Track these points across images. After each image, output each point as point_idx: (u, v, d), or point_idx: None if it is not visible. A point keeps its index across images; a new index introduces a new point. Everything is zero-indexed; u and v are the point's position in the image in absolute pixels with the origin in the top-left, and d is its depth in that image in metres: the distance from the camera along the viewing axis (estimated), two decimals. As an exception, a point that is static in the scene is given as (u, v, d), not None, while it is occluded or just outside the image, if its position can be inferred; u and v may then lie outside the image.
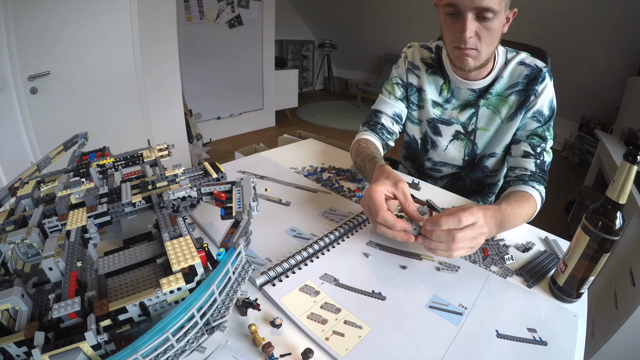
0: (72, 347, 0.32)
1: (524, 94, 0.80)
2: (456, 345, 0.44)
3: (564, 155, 3.51)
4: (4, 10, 1.46)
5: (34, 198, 0.58)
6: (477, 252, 0.62)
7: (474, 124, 0.87)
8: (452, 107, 0.88)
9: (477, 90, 0.84)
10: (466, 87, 0.85)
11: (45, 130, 1.70)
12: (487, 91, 0.84)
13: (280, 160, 0.99)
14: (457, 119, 0.89)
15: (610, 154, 1.79)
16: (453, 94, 0.88)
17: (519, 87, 0.81)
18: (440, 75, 0.88)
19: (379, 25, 4.78)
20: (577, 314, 0.50)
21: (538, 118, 0.80)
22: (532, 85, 0.79)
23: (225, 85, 3.42)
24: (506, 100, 0.82)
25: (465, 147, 0.91)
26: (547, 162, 0.80)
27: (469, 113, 0.86)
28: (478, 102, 0.85)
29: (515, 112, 0.81)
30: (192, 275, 0.38)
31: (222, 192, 0.55)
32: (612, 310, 1.13)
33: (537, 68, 0.79)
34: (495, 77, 0.82)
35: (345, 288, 0.52)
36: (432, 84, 0.90)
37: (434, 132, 0.93)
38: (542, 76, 0.78)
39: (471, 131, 0.88)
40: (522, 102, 0.80)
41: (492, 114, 0.84)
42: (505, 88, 0.82)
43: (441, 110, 0.90)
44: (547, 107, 0.80)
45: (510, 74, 0.82)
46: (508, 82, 0.82)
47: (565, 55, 3.15)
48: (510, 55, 0.83)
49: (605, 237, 0.47)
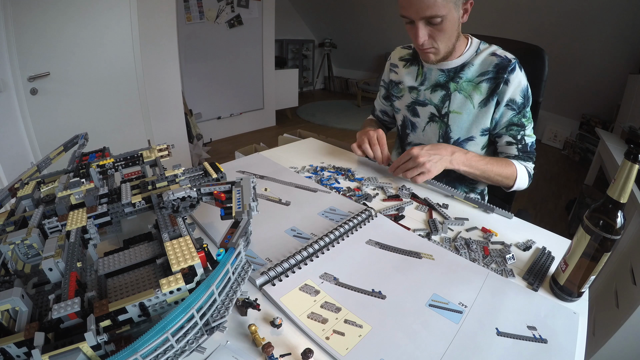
0: (72, 348, 0.32)
1: (494, 81, 0.87)
2: (456, 344, 0.44)
3: (565, 154, 3.51)
4: (3, 10, 1.46)
5: (34, 199, 0.58)
6: (478, 251, 0.62)
7: (447, 107, 0.94)
8: (425, 87, 0.97)
9: (445, 71, 0.93)
10: (436, 67, 0.94)
11: (46, 131, 1.70)
12: (456, 75, 0.91)
13: (280, 160, 0.99)
14: (430, 100, 0.97)
15: (611, 152, 1.79)
16: (425, 77, 0.97)
17: (490, 75, 0.88)
18: (415, 65, 1.01)
19: (379, 24, 4.77)
20: (577, 312, 0.50)
21: (512, 106, 0.87)
22: (501, 74, 0.86)
23: (225, 85, 3.42)
24: (478, 87, 0.89)
25: (440, 129, 0.98)
26: (529, 143, 0.91)
27: (440, 94, 0.95)
28: (448, 85, 0.93)
29: (487, 98, 0.88)
30: (192, 276, 0.38)
31: (222, 192, 0.55)
32: (613, 309, 1.13)
33: (507, 59, 0.86)
34: (465, 63, 0.90)
35: (345, 287, 0.52)
36: (409, 75, 1.02)
37: (413, 114, 1.03)
38: (511, 66, 0.85)
39: (444, 114, 0.95)
40: (492, 89, 0.87)
41: (464, 99, 0.91)
42: (476, 75, 0.89)
43: (416, 93, 1.00)
44: (519, 95, 0.86)
45: (481, 62, 0.89)
46: (479, 69, 0.89)
47: (565, 54, 3.14)
48: (482, 46, 0.91)
49: (606, 236, 0.47)
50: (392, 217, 0.72)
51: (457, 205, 0.79)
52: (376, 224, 0.68)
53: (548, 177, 2.96)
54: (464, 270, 0.57)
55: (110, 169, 0.69)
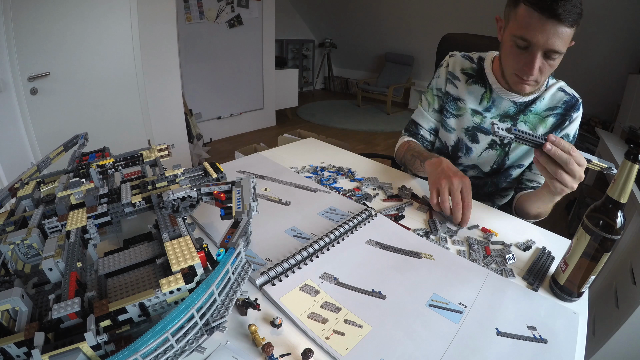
0: (72, 348, 0.32)
1: (561, 118, 0.86)
2: (456, 343, 0.44)
3: (565, 154, 3.50)
4: (3, 11, 1.46)
5: (34, 199, 0.58)
6: (479, 251, 0.62)
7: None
8: (492, 115, 0.91)
9: (517, 104, 0.88)
10: (508, 98, 0.88)
11: (46, 131, 1.70)
12: (527, 108, 0.88)
13: (280, 160, 0.99)
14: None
15: (611, 152, 1.79)
16: (494, 103, 0.91)
17: (558, 110, 0.86)
18: (481, 85, 0.92)
19: (379, 24, 4.77)
20: (577, 312, 0.50)
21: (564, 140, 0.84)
22: (569, 112, 0.85)
23: (225, 85, 3.42)
24: (544, 121, 0.87)
25: (498, 156, 0.95)
26: None
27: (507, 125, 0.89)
28: (517, 117, 0.89)
29: (550, 132, 0.87)
30: (192, 276, 0.38)
31: (222, 192, 0.55)
32: (613, 309, 1.13)
33: (575, 98, 0.86)
34: (537, 97, 0.87)
35: (345, 287, 0.52)
36: (472, 94, 0.93)
37: (472, 139, 0.96)
38: (578, 105, 0.85)
39: (507, 143, 0.92)
40: (557, 125, 0.87)
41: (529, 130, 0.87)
42: (545, 109, 0.87)
43: (481, 119, 0.93)
44: (573, 132, 0.87)
45: (551, 97, 0.87)
46: (548, 104, 0.87)
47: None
48: (551, 81, 0.89)
49: (606, 236, 0.47)
50: (392, 217, 0.72)
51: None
52: (376, 224, 0.68)
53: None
54: (464, 270, 0.57)
55: (110, 169, 0.69)
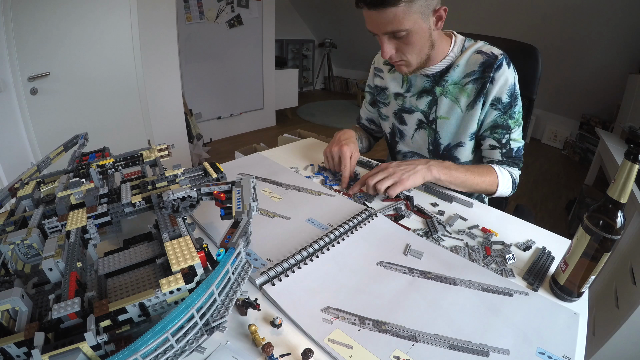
0: (72, 348, 0.32)
1: (480, 81, 0.81)
2: (457, 342, 0.44)
3: (565, 154, 3.51)
4: (3, 11, 1.46)
5: (34, 199, 0.58)
6: (479, 251, 0.62)
7: (434, 113, 0.90)
8: (411, 94, 0.93)
9: (430, 76, 0.87)
10: (421, 73, 0.88)
11: (46, 131, 1.70)
12: (441, 78, 0.86)
13: (280, 160, 0.99)
14: (416, 107, 0.93)
15: (611, 152, 1.79)
16: (411, 83, 0.92)
17: (476, 75, 0.81)
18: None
19: (379, 24, 4.77)
20: (577, 312, 0.50)
21: (497, 106, 0.82)
22: (487, 73, 0.79)
23: (225, 85, 3.42)
24: (464, 89, 0.83)
25: (429, 136, 0.94)
26: (516, 148, 0.85)
27: (426, 100, 0.90)
28: (434, 90, 0.88)
29: (474, 100, 0.83)
30: (192, 276, 0.38)
31: (222, 192, 0.55)
32: (613, 309, 1.13)
33: (493, 55, 0.80)
34: (450, 65, 0.85)
35: (345, 287, 0.52)
36: (394, 80, 0.96)
37: (400, 121, 0.99)
38: (497, 62, 0.78)
39: (432, 120, 0.91)
40: (479, 90, 0.81)
41: (452, 103, 0.86)
42: (462, 76, 0.83)
43: (402, 100, 0.95)
44: (506, 94, 0.80)
45: (466, 62, 0.83)
46: (464, 70, 0.83)
47: (565, 53, 3.14)
48: (467, 44, 0.84)
49: (606, 236, 0.47)
50: (392, 217, 0.72)
51: (453, 207, 0.79)
52: (376, 224, 0.68)
53: (548, 177, 2.96)
54: (464, 270, 0.57)
55: (110, 169, 0.69)
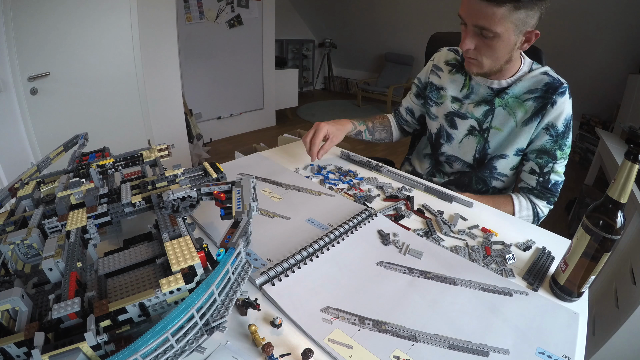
0: (72, 348, 0.32)
1: (541, 101, 0.81)
2: (457, 342, 0.44)
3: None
4: (3, 11, 1.46)
5: (34, 199, 0.58)
6: (479, 251, 0.62)
7: (489, 122, 0.90)
8: (470, 102, 0.93)
9: (493, 89, 0.88)
10: (485, 84, 0.89)
11: (46, 131, 1.70)
12: (503, 90, 0.86)
13: (280, 160, 0.99)
14: (472, 114, 0.92)
15: (611, 152, 1.79)
16: (472, 91, 0.92)
17: (537, 93, 0.82)
18: (462, 74, 0.95)
19: (379, 24, 4.77)
20: (577, 312, 0.50)
21: (550, 132, 0.82)
22: (550, 95, 0.80)
23: (225, 85, 3.42)
24: (523, 105, 0.84)
25: (478, 143, 0.93)
26: (553, 181, 0.84)
27: (483, 109, 0.90)
28: (494, 100, 0.88)
29: (531, 117, 0.83)
30: (192, 276, 0.38)
31: (222, 192, 0.55)
32: (613, 309, 1.13)
33: (559, 81, 0.81)
34: (514, 80, 0.85)
35: (345, 287, 0.52)
36: (454, 82, 0.96)
37: (450, 125, 0.97)
38: (562, 88, 0.80)
39: (485, 129, 0.91)
40: (538, 109, 0.82)
41: (507, 115, 0.86)
42: (524, 92, 0.84)
43: (459, 105, 0.95)
44: (561, 122, 0.81)
45: (531, 79, 0.84)
46: (527, 86, 0.84)
47: (565, 53, 3.14)
48: (535, 66, 0.86)
49: (606, 236, 0.47)
50: (392, 217, 0.72)
51: (453, 207, 0.79)
52: (376, 224, 0.68)
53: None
54: (464, 270, 0.57)
55: (110, 169, 0.69)
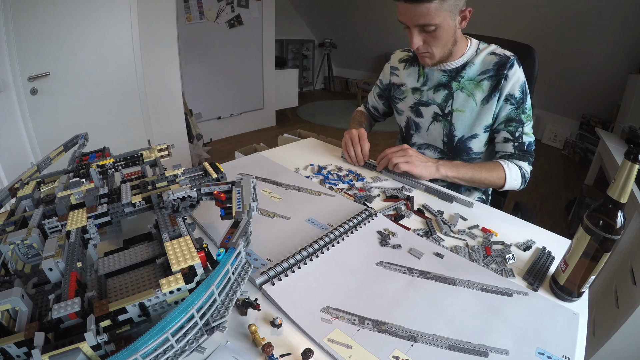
0: (72, 348, 0.32)
1: (495, 78, 0.89)
2: (456, 342, 0.44)
3: (565, 154, 3.51)
4: (3, 11, 1.46)
5: (34, 199, 0.58)
6: (479, 251, 0.62)
7: (450, 106, 0.96)
8: (428, 88, 0.99)
9: (447, 71, 0.95)
10: (438, 68, 0.96)
11: (46, 131, 1.70)
12: (458, 74, 0.93)
13: (280, 160, 0.99)
14: (433, 100, 0.99)
15: (611, 152, 1.78)
16: (427, 77, 0.99)
17: (490, 73, 0.90)
18: (415, 65, 1.03)
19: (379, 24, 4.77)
20: (577, 312, 0.50)
21: (511, 101, 0.90)
22: (501, 71, 0.88)
23: (225, 85, 3.42)
24: (479, 85, 0.91)
25: (444, 128, 0.99)
26: (527, 141, 0.92)
27: (443, 94, 0.97)
28: (451, 84, 0.95)
29: (489, 95, 0.90)
30: (192, 276, 0.38)
31: (222, 192, 0.55)
32: (613, 309, 1.13)
33: (506, 56, 0.89)
34: (466, 62, 0.93)
35: (344, 287, 0.52)
36: (410, 76, 1.04)
37: (416, 114, 1.04)
38: (510, 62, 0.88)
39: (448, 113, 0.97)
40: (494, 86, 0.90)
41: (467, 97, 0.93)
42: (477, 74, 0.92)
43: (419, 94, 1.02)
44: (518, 90, 0.89)
45: (481, 61, 0.91)
46: (480, 68, 0.91)
47: (565, 54, 3.14)
48: (482, 46, 0.94)
49: (606, 236, 0.47)
50: (392, 217, 0.72)
51: (453, 206, 0.79)
52: (376, 224, 0.68)
53: (548, 177, 2.96)
54: (464, 270, 0.57)
55: (110, 169, 0.69)
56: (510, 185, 0.90)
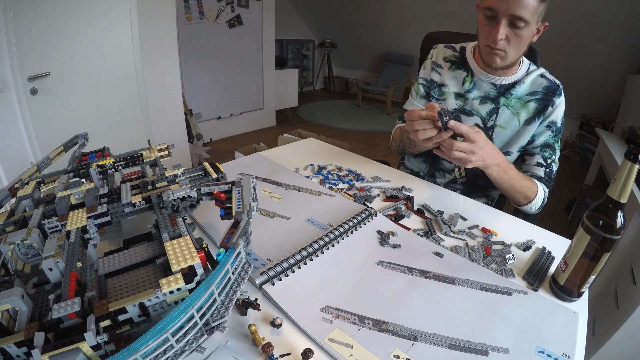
0: (72, 348, 0.32)
1: (542, 102, 0.88)
2: (456, 341, 0.44)
3: (565, 154, 3.51)
4: (3, 11, 1.46)
5: (34, 199, 0.58)
6: (479, 251, 0.62)
7: (494, 121, 0.93)
8: (473, 97, 0.94)
9: (497, 86, 0.91)
10: (488, 80, 0.92)
11: (46, 131, 1.70)
12: (507, 91, 0.90)
13: (280, 160, 0.99)
14: (477, 111, 0.94)
15: (611, 152, 1.79)
16: (475, 85, 0.94)
17: (539, 95, 0.88)
18: (463, 69, 0.96)
19: (379, 24, 4.77)
20: (577, 312, 0.50)
21: (552, 128, 0.89)
22: (550, 97, 0.87)
23: (225, 85, 3.42)
24: (526, 106, 0.89)
25: None
26: (554, 170, 0.92)
27: (488, 108, 0.92)
28: (498, 99, 0.91)
29: (533, 117, 0.89)
30: (192, 276, 0.38)
31: (222, 192, 0.55)
32: (613, 309, 1.13)
33: (556, 84, 0.89)
34: (516, 81, 0.90)
35: (345, 287, 0.52)
36: (455, 79, 0.97)
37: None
38: (559, 91, 0.88)
39: (490, 127, 0.93)
40: (540, 110, 0.88)
41: (512, 115, 0.90)
42: (526, 94, 0.90)
43: (463, 101, 0.96)
44: (560, 119, 0.89)
45: (531, 82, 0.90)
46: (529, 89, 0.89)
47: (565, 54, 3.14)
48: (532, 67, 0.92)
49: (606, 236, 0.47)
50: (392, 217, 0.72)
51: (453, 206, 0.79)
52: (376, 224, 0.68)
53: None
54: (464, 270, 0.57)
55: (110, 169, 0.69)
56: (533, 205, 0.86)
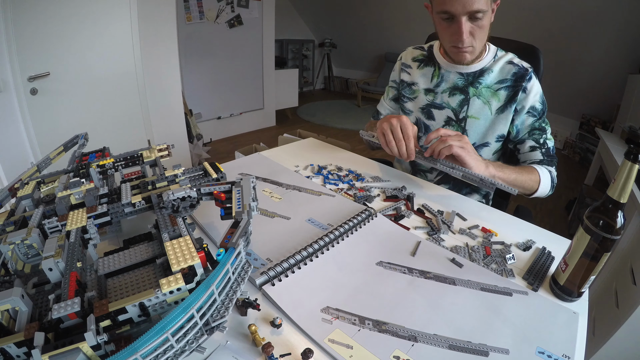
0: (72, 348, 0.32)
1: (512, 89, 0.88)
2: (457, 342, 0.44)
3: (565, 154, 3.51)
4: (3, 11, 1.46)
5: (34, 199, 0.58)
6: (479, 251, 0.62)
7: (465, 112, 0.93)
8: (442, 90, 0.95)
9: (464, 75, 0.92)
10: (454, 70, 0.93)
11: (46, 131, 1.70)
12: (476, 80, 0.91)
13: (280, 160, 0.99)
14: (448, 104, 0.95)
15: (611, 152, 1.79)
16: (442, 78, 0.95)
17: (508, 83, 0.88)
18: (431, 65, 0.98)
19: (379, 24, 4.77)
20: (577, 312, 0.50)
21: (533, 113, 0.89)
22: (520, 83, 0.87)
23: (225, 85, 3.42)
24: (496, 94, 0.90)
25: None
26: (551, 146, 0.91)
27: (458, 99, 0.93)
28: (467, 89, 0.92)
29: (505, 105, 0.89)
30: (192, 276, 0.38)
31: (222, 192, 0.55)
32: (613, 309, 1.13)
33: (524, 68, 0.88)
34: (483, 68, 0.90)
35: (345, 287, 0.52)
36: (424, 76, 0.99)
37: (427, 116, 0.99)
38: (528, 75, 0.87)
39: (462, 118, 0.94)
40: (511, 97, 0.88)
41: (483, 105, 0.91)
42: (495, 82, 0.90)
43: (433, 95, 0.97)
44: (538, 102, 0.89)
45: (499, 70, 0.90)
46: (497, 77, 0.90)
47: (565, 54, 3.14)
48: (500, 53, 0.92)
49: (606, 236, 0.47)
50: (392, 217, 0.72)
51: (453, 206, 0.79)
52: (376, 224, 0.68)
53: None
54: (464, 270, 0.57)
55: (110, 169, 0.69)
56: (541, 190, 0.86)
